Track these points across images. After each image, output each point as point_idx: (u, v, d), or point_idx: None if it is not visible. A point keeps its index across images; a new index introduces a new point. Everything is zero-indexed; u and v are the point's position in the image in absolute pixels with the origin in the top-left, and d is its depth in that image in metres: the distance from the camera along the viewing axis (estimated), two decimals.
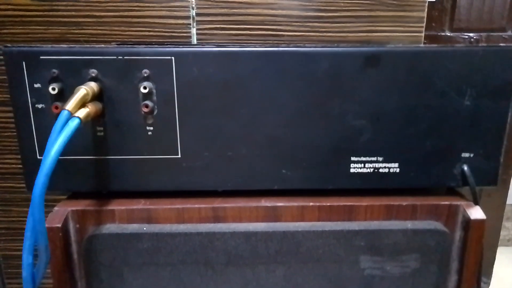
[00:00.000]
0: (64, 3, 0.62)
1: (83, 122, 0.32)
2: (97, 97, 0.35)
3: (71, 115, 0.31)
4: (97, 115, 0.34)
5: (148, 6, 0.63)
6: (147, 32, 0.64)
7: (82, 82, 0.35)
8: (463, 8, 0.97)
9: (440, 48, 0.36)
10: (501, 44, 0.36)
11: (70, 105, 0.31)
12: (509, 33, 0.99)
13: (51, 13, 0.62)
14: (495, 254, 1.04)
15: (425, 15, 0.66)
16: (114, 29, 0.63)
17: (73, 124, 0.31)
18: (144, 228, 0.37)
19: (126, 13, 0.63)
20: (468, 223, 0.37)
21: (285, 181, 0.39)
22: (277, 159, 0.38)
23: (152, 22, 0.63)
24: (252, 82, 0.36)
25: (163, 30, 0.64)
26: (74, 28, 0.63)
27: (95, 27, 0.63)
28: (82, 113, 0.32)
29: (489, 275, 1.02)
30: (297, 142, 0.38)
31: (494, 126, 0.38)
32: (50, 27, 0.63)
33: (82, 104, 0.33)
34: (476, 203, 0.39)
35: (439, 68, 0.36)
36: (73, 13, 0.62)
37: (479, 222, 0.37)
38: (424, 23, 0.66)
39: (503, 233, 1.14)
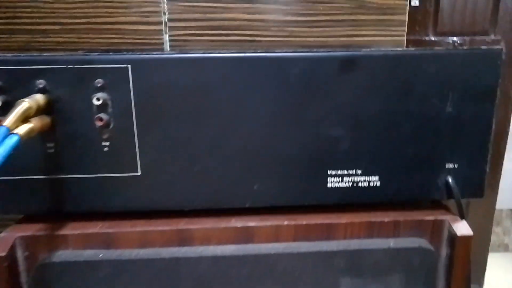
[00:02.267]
0: (28, 9, 0.59)
1: (24, 139, 0.28)
2: (44, 110, 0.31)
3: (9, 132, 0.28)
4: (43, 130, 0.31)
5: (118, 12, 0.60)
6: (117, 39, 0.60)
7: (29, 93, 0.31)
8: (446, 12, 0.97)
9: (419, 52, 0.34)
10: (483, 47, 0.34)
11: (9, 121, 0.28)
12: (492, 36, 0.99)
13: (14, 20, 0.59)
14: (486, 261, 1.02)
15: (407, 18, 0.64)
16: (82, 37, 0.60)
17: (11, 141, 0.27)
18: (101, 255, 0.33)
19: (94, 20, 0.60)
20: (454, 239, 0.35)
21: (257, 198, 0.35)
22: (248, 174, 0.35)
23: (122, 29, 0.60)
24: (217, 91, 0.33)
25: (134, 36, 0.60)
26: (39, 36, 0.59)
27: (61, 35, 0.60)
28: (23, 129, 0.28)
29: (480, 283, 1.00)
30: (270, 155, 0.35)
31: (478, 134, 0.35)
32: (13, 35, 0.59)
33: (24, 119, 0.29)
34: (462, 217, 0.36)
35: (420, 73, 0.34)
36: (38, 20, 0.59)
37: (466, 238, 0.34)
38: (406, 27, 0.64)
39: (492, 238, 1.13)
